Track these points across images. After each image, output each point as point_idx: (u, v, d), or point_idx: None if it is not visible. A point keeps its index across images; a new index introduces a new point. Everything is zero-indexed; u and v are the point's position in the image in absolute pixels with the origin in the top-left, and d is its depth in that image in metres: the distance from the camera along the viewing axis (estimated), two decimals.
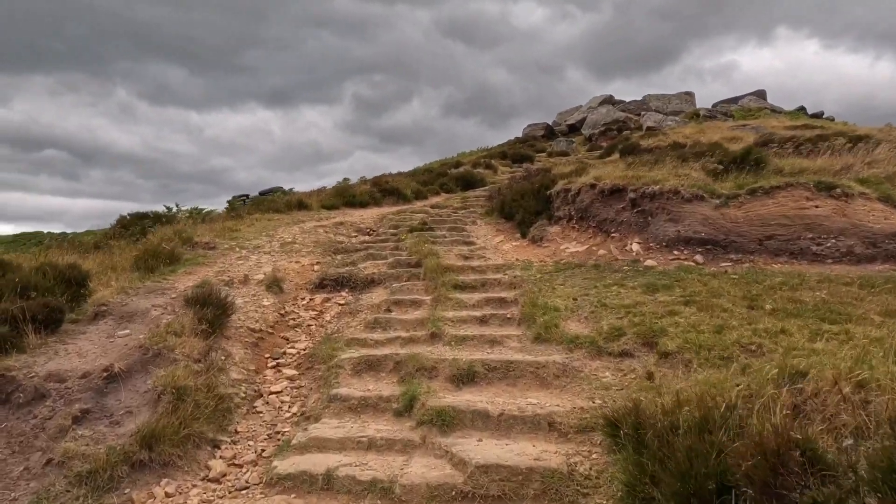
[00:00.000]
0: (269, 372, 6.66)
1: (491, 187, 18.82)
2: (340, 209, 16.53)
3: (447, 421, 4.81)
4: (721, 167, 10.46)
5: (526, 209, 11.21)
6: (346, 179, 20.60)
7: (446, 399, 5.16)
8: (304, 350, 7.13)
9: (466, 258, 9.63)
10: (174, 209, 17.93)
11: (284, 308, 8.23)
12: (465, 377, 5.54)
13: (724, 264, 8.07)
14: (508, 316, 6.84)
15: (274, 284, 8.70)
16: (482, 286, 7.98)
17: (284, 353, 7.06)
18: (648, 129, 30.81)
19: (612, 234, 9.16)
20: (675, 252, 8.27)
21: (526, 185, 11.90)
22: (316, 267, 10.02)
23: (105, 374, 5.39)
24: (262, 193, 50.11)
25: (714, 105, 38.31)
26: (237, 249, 10.66)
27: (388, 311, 7.82)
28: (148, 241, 9.65)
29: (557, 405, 4.90)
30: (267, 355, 6.99)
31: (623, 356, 5.47)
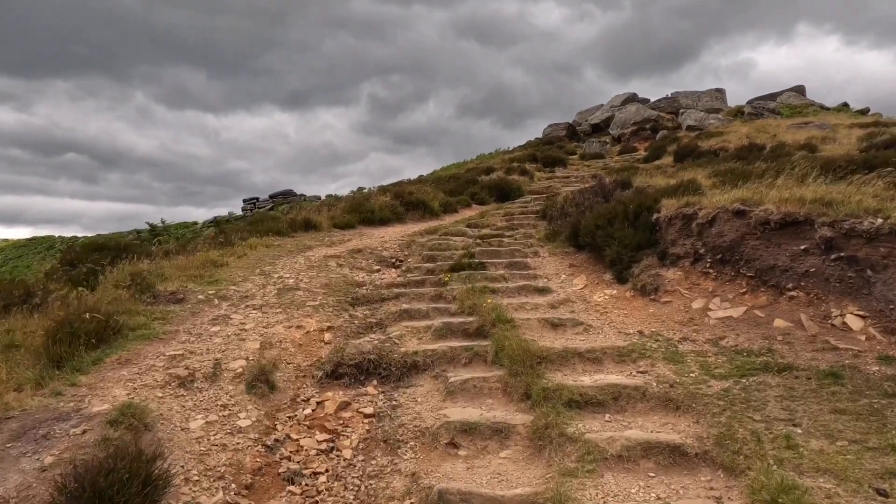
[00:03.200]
0: None
1: (536, 199, 15.29)
2: (356, 228, 13.05)
3: None
4: None
5: (621, 241, 7.67)
6: (360, 188, 17.08)
7: None
8: None
9: (555, 326, 6.11)
10: (159, 226, 14.54)
11: (275, 432, 4.74)
12: None
13: None
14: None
15: (261, 378, 5.23)
16: (613, 401, 4.44)
17: None
18: (689, 127, 27.18)
19: (791, 293, 5.63)
20: None
21: (614, 206, 8.35)
22: (327, 335, 6.52)
23: None
24: (272, 197, 46.93)
25: (750, 101, 34.60)
26: (216, 302, 7.20)
27: (454, 447, 4.31)
28: (72, 302, 6.18)
29: None
30: None
31: None
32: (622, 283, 7.44)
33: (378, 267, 9.72)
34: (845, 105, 34.13)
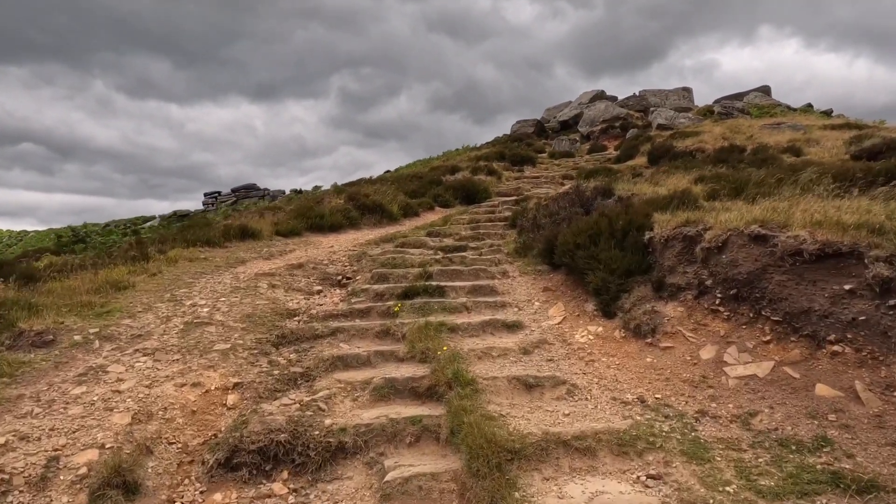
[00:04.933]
0: None
1: (504, 202, 13.81)
2: (302, 236, 11.35)
3: None
4: None
5: (607, 266, 6.22)
6: (316, 187, 15.42)
7: None
8: None
9: (530, 387, 4.60)
10: (81, 230, 12.56)
11: None
12: None
13: None
14: None
15: (115, 480, 3.60)
16: None
17: None
18: (660, 126, 26.10)
19: (834, 347, 4.25)
20: None
21: (597, 220, 6.89)
22: (232, 396, 4.88)
23: None
24: (234, 191, 44.47)
25: (717, 101, 33.83)
26: (95, 345, 5.48)
27: None
28: None
29: None
30: None
31: None
32: (609, 317, 5.99)
33: (319, 287, 8.09)
34: (809, 106, 33.65)
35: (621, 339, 5.52)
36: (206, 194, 45.19)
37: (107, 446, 3.90)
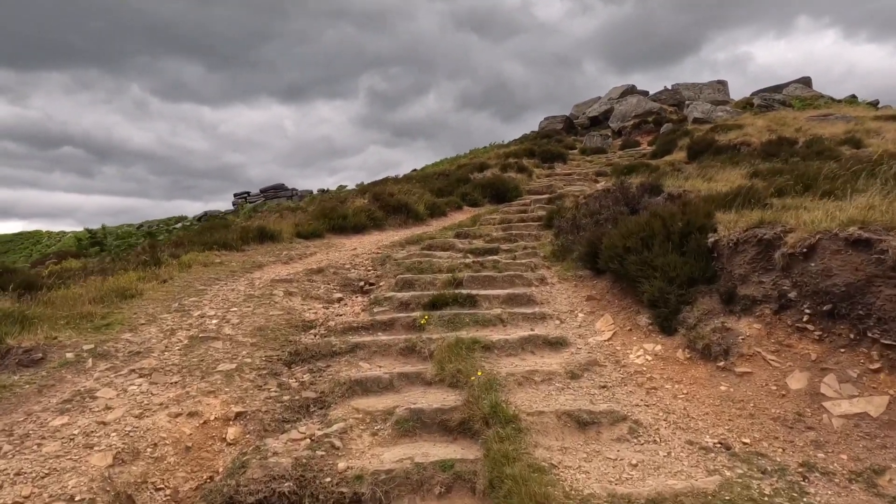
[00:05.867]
0: None
1: (536, 201, 12.93)
2: (324, 238, 10.69)
3: None
4: None
5: (664, 273, 5.35)
6: (340, 187, 14.75)
7: None
8: None
9: (584, 425, 3.78)
10: (99, 232, 12.16)
11: None
12: None
13: None
14: None
15: None
16: None
17: None
18: (696, 120, 24.84)
19: None
20: None
21: (649, 221, 6.02)
22: (233, 429, 4.18)
23: None
24: (262, 191, 44.39)
25: (755, 93, 32.26)
26: (88, 364, 4.85)
27: None
28: None
29: None
30: None
31: None
32: (668, 333, 5.13)
33: (339, 294, 7.39)
34: (853, 97, 31.84)
35: (686, 360, 4.67)
36: (235, 195, 45.25)
37: (76, 499, 3.22)
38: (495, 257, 8.17)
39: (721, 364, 4.46)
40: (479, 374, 4.36)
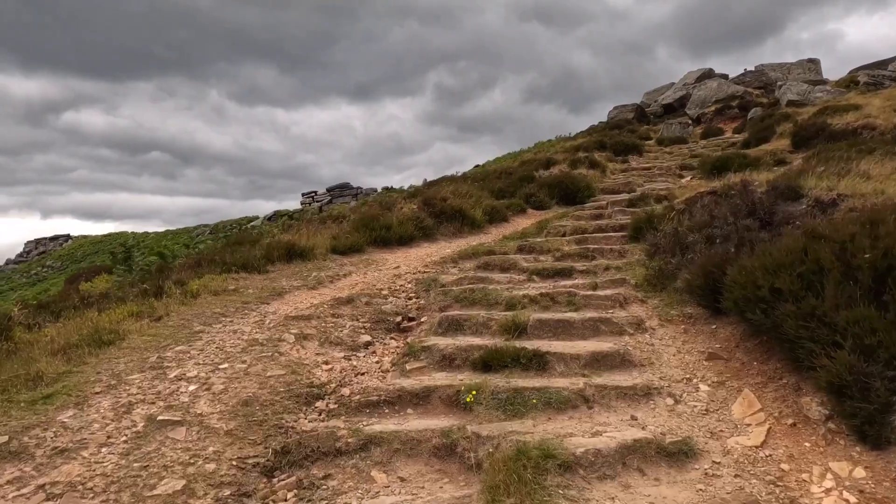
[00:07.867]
0: None
1: (614, 203, 10.71)
2: (364, 252, 8.98)
3: None
4: None
5: (856, 339, 3.21)
6: (387, 189, 13.02)
7: None
8: None
9: None
10: (133, 246, 11.07)
11: None
12: None
13: None
14: None
15: None
16: None
17: None
18: (790, 102, 21.53)
19: None
20: None
21: (807, 246, 3.85)
22: None
23: None
24: (329, 190, 43.82)
25: (854, 70, 28.17)
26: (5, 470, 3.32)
27: None
28: None
29: None
30: None
31: None
32: (871, 443, 3.01)
33: (367, 337, 5.63)
34: None
35: None
36: (303, 194, 44.96)
37: None
38: (569, 283, 6.16)
39: None
40: None
